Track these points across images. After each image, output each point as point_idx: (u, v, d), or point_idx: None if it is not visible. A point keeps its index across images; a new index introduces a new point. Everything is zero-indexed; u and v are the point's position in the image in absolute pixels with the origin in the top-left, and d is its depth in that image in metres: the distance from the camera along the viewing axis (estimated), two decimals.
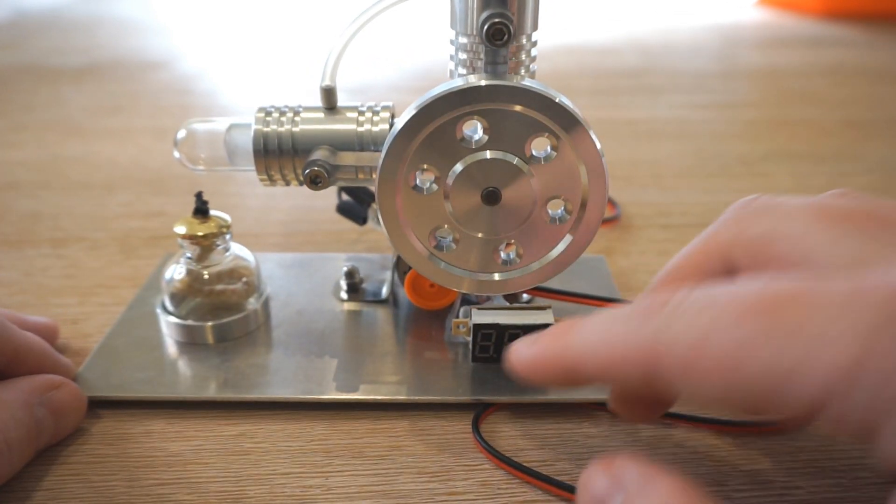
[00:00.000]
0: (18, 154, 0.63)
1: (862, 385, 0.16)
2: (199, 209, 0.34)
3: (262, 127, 0.31)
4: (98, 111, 0.76)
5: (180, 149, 0.33)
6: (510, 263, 0.30)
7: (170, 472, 0.28)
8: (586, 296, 0.35)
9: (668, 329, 0.19)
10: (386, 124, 0.31)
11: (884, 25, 1.19)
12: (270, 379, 0.32)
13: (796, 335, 0.17)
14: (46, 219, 0.50)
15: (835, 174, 0.58)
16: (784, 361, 0.17)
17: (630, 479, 0.20)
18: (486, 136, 0.28)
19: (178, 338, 0.35)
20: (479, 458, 0.29)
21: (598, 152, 0.28)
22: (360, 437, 0.30)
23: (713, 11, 1.35)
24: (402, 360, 0.33)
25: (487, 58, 0.28)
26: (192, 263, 0.35)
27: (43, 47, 1.07)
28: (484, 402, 0.31)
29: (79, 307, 0.39)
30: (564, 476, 0.28)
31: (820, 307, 0.17)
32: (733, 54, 1.04)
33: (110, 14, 1.34)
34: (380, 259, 0.42)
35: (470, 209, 0.29)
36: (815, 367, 0.17)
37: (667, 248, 0.45)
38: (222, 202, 0.52)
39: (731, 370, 0.18)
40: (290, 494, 0.27)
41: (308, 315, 0.37)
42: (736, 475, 0.28)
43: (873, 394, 0.16)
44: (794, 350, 0.17)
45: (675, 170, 0.59)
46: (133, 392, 0.31)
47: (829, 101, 0.79)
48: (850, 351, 0.16)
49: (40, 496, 0.27)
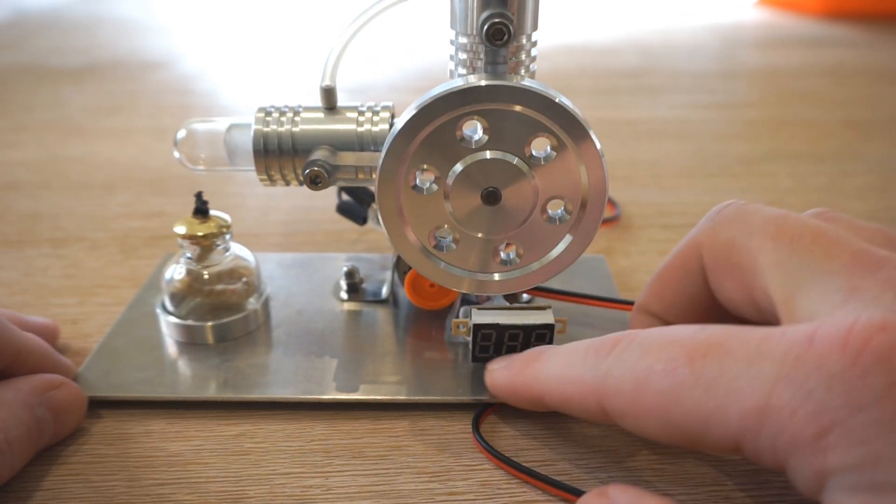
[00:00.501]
0: (18, 154, 0.63)
1: (765, 430, 0.19)
2: (199, 209, 0.34)
3: (262, 127, 0.31)
4: (98, 111, 0.76)
5: (180, 149, 0.33)
6: (510, 263, 0.30)
7: (170, 472, 0.28)
8: (586, 296, 0.35)
9: (612, 373, 0.23)
10: (386, 124, 0.31)
11: (884, 25, 1.19)
12: (270, 379, 0.32)
13: (714, 385, 0.20)
14: (46, 219, 0.50)
15: (835, 174, 0.58)
16: (705, 409, 0.20)
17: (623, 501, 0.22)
18: (486, 136, 0.28)
19: (178, 338, 0.35)
20: (479, 458, 0.29)
21: (599, 152, 0.28)
22: (360, 437, 0.30)
23: (713, 11, 1.35)
24: (402, 360, 0.33)
25: (487, 58, 0.28)
26: (192, 263, 0.35)
27: (43, 47, 1.07)
28: (484, 402, 0.31)
29: (79, 307, 0.39)
30: (564, 476, 0.28)
31: (735, 358, 0.20)
32: (733, 54, 1.04)
33: (110, 14, 1.35)
34: (380, 259, 0.42)
35: (470, 209, 0.29)
36: (728, 415, 0.19)
37: (667, 248, 0.45)
38: (222, 202, 0.52)
39: (664, 415, 0.21)
40: (290, 494, 0.27)
41: (308, 315, 0.37)
42: (736, 475, 0.28)
43: (775, 437, 0.19)
44: (713, 399, 0.20)
45: (675, 170, 0.59)
46: (133, 392, 0.31)
47: (829, 101, 0.79)
48: (754, 401, 0.19)
49: (40, 496, 0.27)
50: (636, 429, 0.22)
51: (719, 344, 0.20)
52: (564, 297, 0.35)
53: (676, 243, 0.29)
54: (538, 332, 0.31)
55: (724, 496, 0.27)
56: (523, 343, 0.32)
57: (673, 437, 0.21)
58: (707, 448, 0.21)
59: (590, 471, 0.28)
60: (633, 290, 0.40)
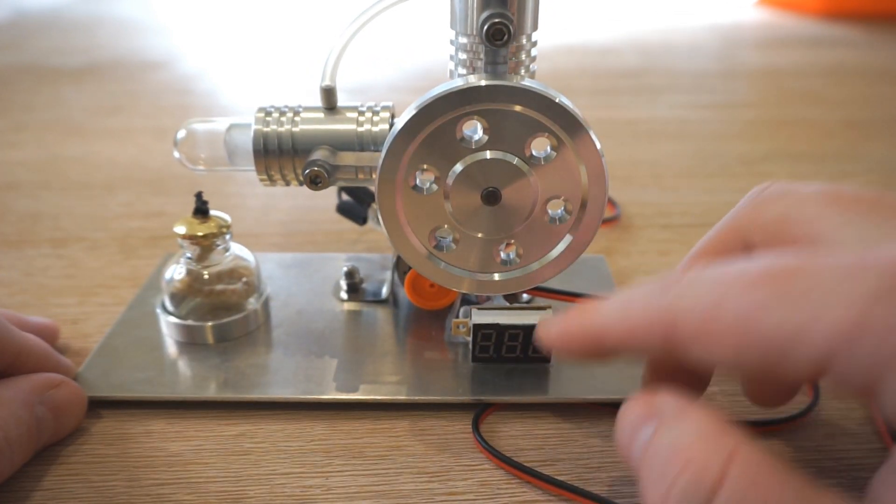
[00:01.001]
0: (18, 154, 0.63)
1: (862, 343, 0.17)
2: (199, 209, 0.34)
3: (262, 127, 0.31)
4: (98, 111, 0.76)
5: (180, 149, 0.33)
6: (510, 263, 0.30)
7: (170, 472, 0.28)
8: (586, 296, 0.35)
9: (683, 298, 0.21)
10: (386, 124, 0.31)
11: (884, 25, 1.19)
12: (270, 379, 0.32)
13: (802, 300, 0.18)
14: (46, 219, 0.50)
15: (835, 174, 0.58)
16: (790, 324, 0.18)
17: (667, 407, 0.21)
18: (486, 136, 0.28)
19: (178, 338, 0.35)
20: (478, 458, 0.29)
21: (598, 152, 0.28)
22: (360, 437, 0.30)
23: (713, 11, 1.35)
24: (402, 360, 0.33)
25: (487, 58, 0.28)
26: (192, 263, 0.35)
27: (43, 47, 1.07)
28: (484, 402, 0.31)
29: (79, 307, 0.39)
30: (564, 476, 0.28)
31: (825, 276, 0.18)
32: (733, 54, 1.04)
33: (110, 14, 1.34)
34: (380, 259, 0.42)
35: (470, 209, 0.29)
36: (819, 329, 0.18)
37: (667, 248, 0.45)
38: (222, 202, 0.52)
39: (742, 334, 0.19)
40: (290, 494, 0.27)
41: (308, 315, 0.37)
42: None
43: (874, 351, 0.17)
44: (800, 313, 0.18)
45: (675, 170, 0.59)
46: (133, 392, 0.31)
47: (829, 101, 0.79)
48: (852, 313, 0.17)
49: (40, 496, 0.27)
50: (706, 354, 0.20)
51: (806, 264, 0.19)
52: (564, 297, 0.35)
53: (676, 243, 0.29)
54: None
55: None
56: (523, 343, 0.32)
57: (748, 360, 0.19)
58: (785, 371, 0.19)
59: (590, 471, 0.28)
60: None
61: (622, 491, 0.27)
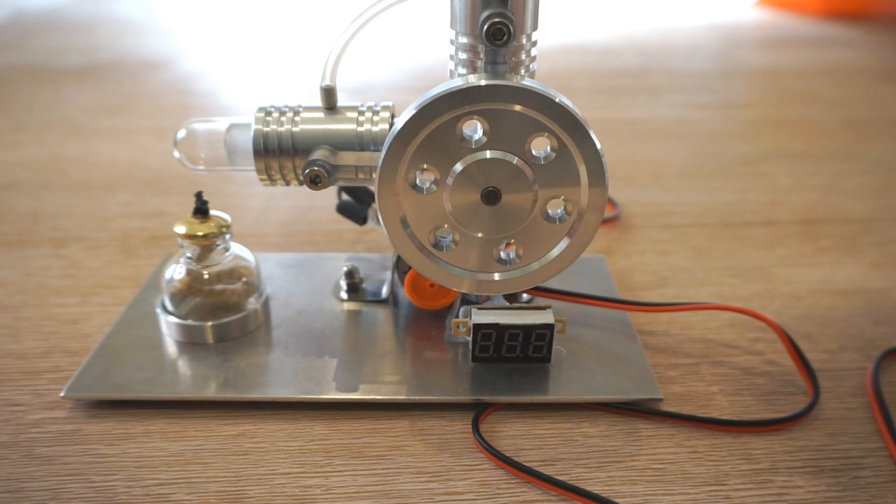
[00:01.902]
0: (18, 154, 0.63)
1: None
2: (199, 209, 0.34)
3: (262, 127, 0.31)
4: (98, 111, 0.76)
5: (180, 149, 0.33)
6: (510, 263, 0.30)
7: (170, 472, 0.28)
8: (586, 296, 0.35)
9: None
10: (386, 124, 0.31)
11: (884, 25, 1.19)
12: (270, 379, 0.32)
13: None
14: (46, 219, 0.50)
15: (834, 174, 0.58)
16: None
17: None
18: (486, 136, 0.28)
19: (178, 338, 0.35)
20: (478, 458, 0.29)
21: (599, 152, 0.28)
22: (359, 437, 0.30)
23: (713, 11, 1.35)
24: (402, 360, 0.33)
25: (487, 58, 0.28)
26: (192, 263, 0.35)
27: (43, 47, 1.07)
28: (484, 402, 0.31)
29: (79, 307, 0.39)
30: (564, 476, 0.28)
31: None
32: (733, 54, 1.04)
33: (110, 14, 1.34)
34: (380, 259, 0.42)
35: (470, 209, 0.29)
36: None
37: (667, 248, 0.45)
38: (222, 202, 0.52)
39: None
40: (290, 494, 0.27)
41: (308, 315, 0.37)
42: (736, 475, 0.28)
43: None
44: None
45: (675, 170, 0.59)
46: (133, 392, 0.31)
47: (829, 101, 0.79)
48: None
49: (40, 496, 0.27)
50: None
51: None
52: (564, 297, 0.35)
53: (676, 243, 0.29)
54: (538, 332, 0.31)
55: (724, 496, 0.27)
56: (523, 343, 0.32)
57: None
58: None
59: (590, 471, 0.28)
60: (633, 290, 0.40)
61: (622, 491, 0.27)
